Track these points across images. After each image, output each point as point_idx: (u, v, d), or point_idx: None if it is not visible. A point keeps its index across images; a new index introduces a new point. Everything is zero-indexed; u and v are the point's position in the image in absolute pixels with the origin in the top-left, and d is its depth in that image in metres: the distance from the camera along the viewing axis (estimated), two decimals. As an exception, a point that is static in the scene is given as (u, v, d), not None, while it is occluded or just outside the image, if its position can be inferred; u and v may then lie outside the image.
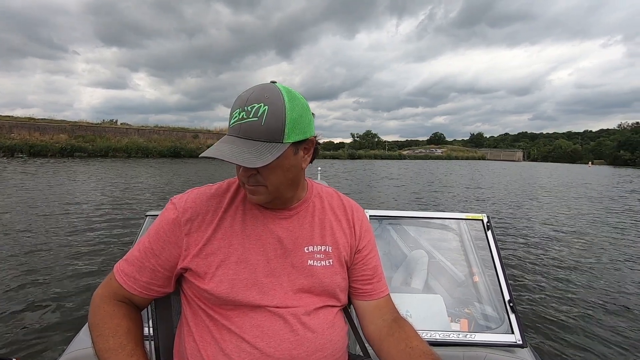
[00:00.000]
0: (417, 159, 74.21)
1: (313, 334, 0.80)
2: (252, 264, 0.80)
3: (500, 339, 1.38)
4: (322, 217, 0.89)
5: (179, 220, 0.80)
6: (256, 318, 0.78)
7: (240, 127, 0.72)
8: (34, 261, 4.29)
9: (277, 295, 0.80)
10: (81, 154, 31.90)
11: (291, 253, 0.83)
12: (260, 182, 0.76)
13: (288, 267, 0.82)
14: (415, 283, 1.80)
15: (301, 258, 0.83)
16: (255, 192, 0.78)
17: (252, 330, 0.77)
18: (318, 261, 0.84)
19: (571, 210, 9.86)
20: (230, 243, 0.80)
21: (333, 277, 0.86)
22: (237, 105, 0.73)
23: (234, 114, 0.73)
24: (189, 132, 43.76)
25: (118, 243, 5.23)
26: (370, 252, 0.93)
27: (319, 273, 0.84)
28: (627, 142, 79.67)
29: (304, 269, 0.83)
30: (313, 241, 0.86)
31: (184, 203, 0.82)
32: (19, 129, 32.25)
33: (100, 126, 38.53)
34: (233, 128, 0.73)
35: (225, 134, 0.77)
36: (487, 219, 1.65)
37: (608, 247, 5.85)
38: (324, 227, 0.88)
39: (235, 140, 0.72)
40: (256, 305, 0.78)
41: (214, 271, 0.78)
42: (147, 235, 0.83)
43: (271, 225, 0.83)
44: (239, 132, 0.72)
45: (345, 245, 0.89)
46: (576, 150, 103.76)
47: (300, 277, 0.82)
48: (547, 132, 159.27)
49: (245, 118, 0.71)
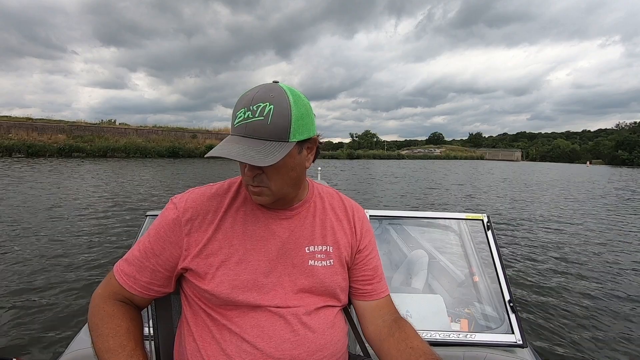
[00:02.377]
0: (416, 158, 74.24)
1: (314, 334, 0.80)
2: (252, 264, 0.80)
3: (500, 339, 1.38)
4: (323, 217, 0.89)
5: (180, 220, 0.80)
6: (257, 318, 0.78)
7: (245, 127, 0.71)
8: (34, 261, 4.27)
9: (278, 295, 0.80)
10: (79, 154, 31.81)
11: (292, 253, 0.83)
12: (265, 183, 0.76)
13: (289, 267, 0.82)
14: (415, 283, 1.80)
15: (302, 258, 0.83)
16: (260, 193, 0.77)
17: (252, 330, 0.77)
18: (319, 261, 0.84)
19: (571, 210, 9.89)
20: (231, 243, 0.80)
21: (334, 277, 0.86)
22: (242, 105, 0.72)
23: (238, 113, 0.72)
24: (187, 132, 43.67)
25: (118, 243, 5.22)
26: (370, 252, 0.93)
27: (320, 273, 0.84)
28: (624, 142, 79.85)
29: (304, 269, 0.83)
30: (314, 241, 0.86)
31: (185, 203, 0.82)
32: (17, 129, 32.10)
33: (98, 126, 38.39)
34: (238, 127, 0.72)
35: (228, 134, 0.76)
36: (487, 219, 1.65)
37: (609, 247, 5.86)
38: (325, 227, 0.88)
39: (241, 139, 0.72)
40: (257, 305, 0.78)
41: (214, 272, 0.78)
42: (147, 235, 0.82)
43: (273, 225, 0.83)
44: (244, 132, 0.71)
45: (346, 246, 0.89)
46: (574, 150, 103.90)
47: (301, 277, 0.82)
48: (545, 132, 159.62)
49: (251, 117, 0.70)
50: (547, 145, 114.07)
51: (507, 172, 31.09)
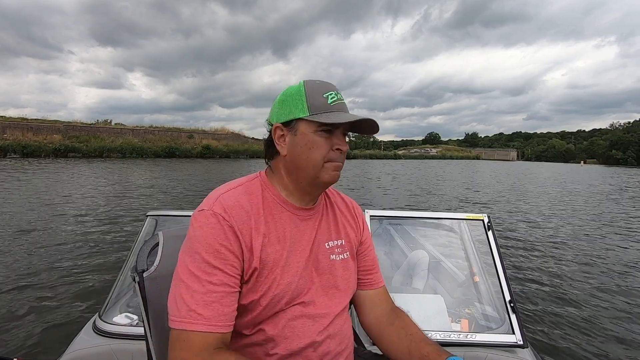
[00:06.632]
0: (412, 158, 74.39)
1: (339, 330, 0.84)
2: (293, 268, 0.79)
3: (500, 339, 1.39)
4: (334, 212, 0.93)
5: (231, 227, 0.73)
6: (285, 318, 0.78)
7: (344, 105, 0.81)
8: (34, 261, 4.24)
9: (309, 294, 0.81)
10: (75, 155, 31.59)
11: (318, 251, 0.85)
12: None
13: (316, 265, 0.84)
14: (415, 283, 1.81)
15: (325, 254, 0.86)
16: (340, 168, 0.83)
17: (283, 331, 0.78)
18: (337, 255, 0.88)
19: (571, 210, 9.94)
20: (275, 249, 0.78)
21: (351, 271, 0.91)
22: (328, 89, 0.80)
23: (329, 94, 0.79)
24: (184, 132, 43.46)
25: (117, 243, 5.19)
26: (370, 244, 0.99)
27: (340, 267, 0.87)
28: (618, 142, 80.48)
29: (328, 264, 0.86)
30: (331, 236, 0.89)
31: (225, 210, 0.74)
32: (12, 130, 31.81)
33: (94, 126, 38.11)
34: (339, 105, 0.79)
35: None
36: (488, 219, 1.66)
37: (609, 247, 5.88)
38: (337, 222, 0.92)
39: (349, 113, 0.81)
40: (291, 307, 0.79)
41: (263, 280, 0.76)
42: (195, 264, 0.70)
43: (301, 225, 0.84)
44: (345, 108, 0.81)
45: (354, 239, 0.93)
46: (569, 150, 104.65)
47: (325, 273, 0.85)
48: (541, 132, 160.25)
49: (342, 98, 0.81)
50: (543, 145, 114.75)
51: (503, 171, 31.23)
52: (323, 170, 0.79)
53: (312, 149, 0.78)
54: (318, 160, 0.78)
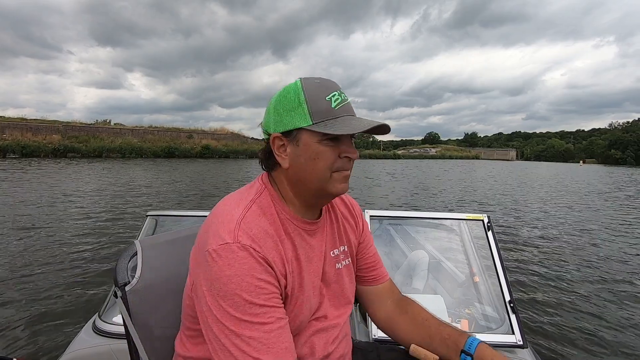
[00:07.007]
0: (412, 158, 74.41)
1: (346, 337, 0.85)
2: (309, 287, 0.77)
3: (500, 340, 1.39)
4: (336, 218, 0.91)
5: (266, 260, 0.66)
6: (304, 336, 0.77)
7: (350, 107, 0.73)
8: (34, 261, 4.24)
9: (322, 309, 0.81)
10: (74, 155, 31.55)
11: (325, 262, 0.83)
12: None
13: (324, 277, 0.83)
14: (415, 283, 1.81)
15: (330, 263, 0.84)
16: (349, 177, 0.77)
17: (303, 349, 0.76)
18: (341, 262, 0.87)
19: (571, 210, 9.94)
20: (292, 269, 0.73)
21: (353, 273, 0.91)
22: (332, 89, 0.72)
23: (332, 96, 0.71)
24: (183, 132, 43.40)
25: (117, 243, 5.18)
26: (370, 240, 0.98)
27: (346, 274, 0.87)
28: (617, 141, 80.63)
29: (335, 274, 0.85)
30: (335, 244, 0.88)
31: (255, 241, 0.66)
32: (11, 130, 31.74)
33: (93, 126, 38.04)
34: (345, 107, 0.72)
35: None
36: (488, 219, 1.66)
37: (609, 246, 5.87)
38: (339, 229, 0.90)
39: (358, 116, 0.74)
40: (307, 323, 0.77)
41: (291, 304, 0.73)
42: (242, 307, 0.62)
43: (312, 242, 0.80)
44: (353, 111, 0.74)
45: (354, 242, 0.93)
46: (568, 150, 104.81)
47: (333, 282, 0.84)
48: (540, 132, 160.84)
49: (347, 99, 0.73)
50: (542, 145, 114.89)
51: (502, 172, 31.23)
52: (330, 182, 0.72)
53: (317, 160, 0.70)
54: (324, 171, 0.71)
